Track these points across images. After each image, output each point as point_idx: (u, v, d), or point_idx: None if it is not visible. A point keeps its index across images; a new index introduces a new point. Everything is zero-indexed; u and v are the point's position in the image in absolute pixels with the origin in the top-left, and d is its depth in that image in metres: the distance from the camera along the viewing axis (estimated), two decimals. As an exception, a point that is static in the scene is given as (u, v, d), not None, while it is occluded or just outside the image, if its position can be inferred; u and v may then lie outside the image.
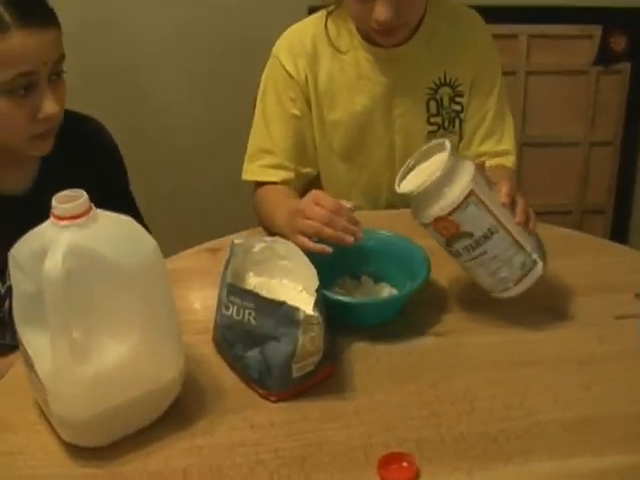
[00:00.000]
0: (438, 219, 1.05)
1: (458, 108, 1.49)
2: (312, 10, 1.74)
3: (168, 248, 1.04)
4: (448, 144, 1.05)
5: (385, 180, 1.49)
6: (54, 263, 0.82)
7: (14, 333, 1.22)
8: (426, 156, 1.10)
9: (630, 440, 0.91)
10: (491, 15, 1.58)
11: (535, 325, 1.12)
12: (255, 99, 1.51)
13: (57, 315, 0.84)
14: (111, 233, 0.88)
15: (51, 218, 0.86)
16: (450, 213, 1.03)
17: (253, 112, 1.52)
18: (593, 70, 2.41)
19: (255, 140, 1.48)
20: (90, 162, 1.29)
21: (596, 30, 2.37)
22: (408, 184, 1.08)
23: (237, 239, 1.07)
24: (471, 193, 1.03)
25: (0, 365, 1.19)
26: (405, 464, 0.87)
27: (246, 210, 1.52)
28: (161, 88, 2.34)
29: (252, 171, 1.46)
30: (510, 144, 1.50)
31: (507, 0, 2.31)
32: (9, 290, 1.24)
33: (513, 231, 1.06)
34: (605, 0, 2.34)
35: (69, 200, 0.84)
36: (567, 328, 1.12)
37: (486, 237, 1.05)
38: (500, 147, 1.49)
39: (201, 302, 1.18)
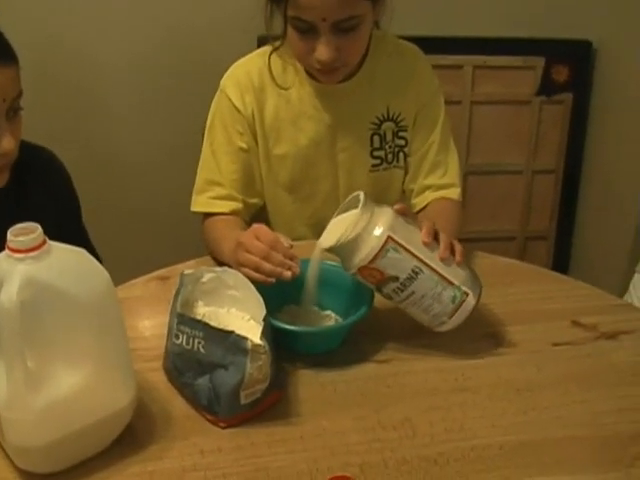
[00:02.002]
0: (362, 268, 1.10)
1: (402, 142, 1.53)
2: (262, 39, 1.77)
3: (118, 272, 1.06)
4: (362, 197, 1.11)
5: (329, 212, 1.50)
6: (9, 295, 0.84)
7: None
8: (347, 209, 1.15)
9: (566, 462, 0.96)
10: (437, 46, 1.64)
11: (474, 352, 1.17)
12: (201, 132, 1.54)
13: (12, 345, 0.86)
14: (65, 265, 0.90)
15: (6, 250, 0.88)
16: (371, 261, 1.09)
17: (203, 138, 1.55)
18: (536, 100, 2.50)
19: (203, 172, 1.50)
20: (44, 192, 1.31)
21: (539, 61, 2.46)
22: (328, 239, 1.14)
23: (187, 269, 1.11)
24: (388, 239, 1.08)
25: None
26: (348, 487, 0.91)
27: (194, 237, 1.56)
28: (112, 110, 2.36)
29: (201, 203, 1.49)
30: (455, 177, 1.54)
31: (453, 31, 2.38)
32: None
33: (438, 268, 1.11)
34: (547, 32, 2.43)
35: (24, 233, 0.87)
36: (505, 355, 1.17)
37: (411, 278, 1.10)
38: (445, 180, 1.53)
39: (151, 330, 1.20)
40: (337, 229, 1.13)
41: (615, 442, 1.00)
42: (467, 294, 1.12)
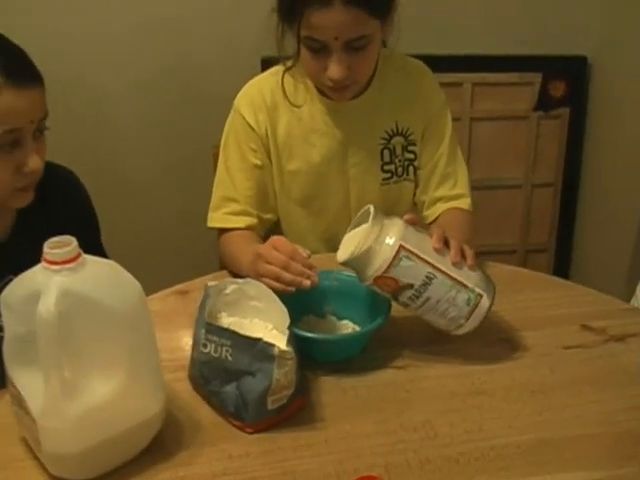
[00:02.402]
0: (377, 278, 1.14)
1: (411, 156, 1.58)
2: (265, 61, 1.82)
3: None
4: (372, 211, 1.15)
5: (342, 226, 1.55)
6: (47, 306, 0.88)
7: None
8: (359, 224, 1.20)
9: (582, 459, 1.00)
10: (437, 64, 1.69)
11: (488, 357, 1.20)
12: (213, 145, 1.58)
13: (49, 355, 0.89)
14: (99, 277, 0.94)
15: (42, 263, 0.91)
16: (386, 271, 1.13)
17: (212, 158, 1.59)
18: (534, 115, 2.56)
19: (219, 189, 1.55)
20: (66, 210, 1.35)
21: (536, 77, 2.52)
22: (342, 253, 1.18)
23: (210, 281, 1.14)
24: (400, 248, 1.12)
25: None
26: (376, 487, 0.94)
27: (209, 253, 1.59)
28: (121, 134, 2.41)
29: (217, 219, 1.53)
30: (464, 187, 1.59)
31: (452, 50, 2.45)
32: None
33: (451, 272, 1.15)
34: (544, 49, 2.50)
35: (60, 246, 0.90)
36: (518, 359, 1.21)
37: (425, 284, 1.14)
38: (455, 191, 1.58)
39: (174, 342, 1.23)
40: (350, 244, 1.17)
41: (629, 439, 1.03)
42: (481, 296, 1.15)
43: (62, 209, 1.35)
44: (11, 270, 1.23)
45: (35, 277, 0.92)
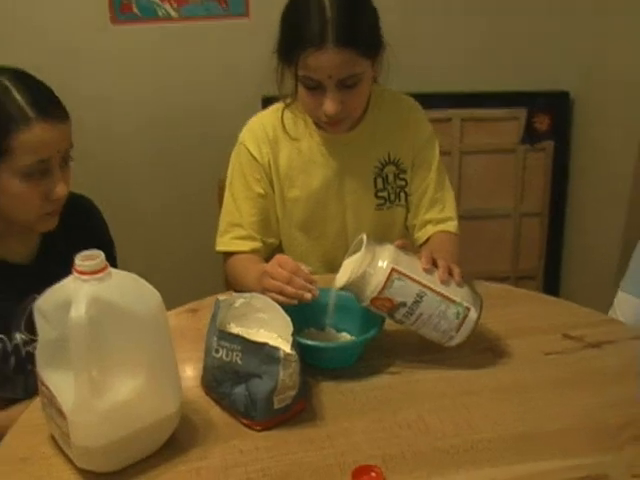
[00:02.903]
0: (374, 299, 1.26)
1: (402, 183, 1.70)
2: (266, 100, 1.94)
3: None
4: (365, 239, 1.27)
5: (340, 249, 1.67)
6: (78, 312, 0.99)
7: (16, 387, 1.39)
8: (354, 252, 1.31)
9: (561, 449, 1.09)
10: (427, 101, 1.81)
11: (475, 363, 1.31)
12: (218, 178, 1.70)
13: (80, 356, 1.00)
14: (124, 287, 1.05)
15: (74, 273, 1.02)
16: (380, 292, 1.24)
17: (217, 191, 1.71)
18: (520, 148, 2.69)
19: (225, 216, 1.67)
20: (85, 235, 1.45)
21: (521, 112, 2.66)
22: (340, 279, 1.29)
23: (221, 296, 1.25)
24: (392, 271, 1.24)
25: (2, 417, 1.34)
26: (373, 474, 1.04)
27: (215, 275, 1.70)
28: (132, 170, 2.55)
29: (224, 243, 1.65)
30: (451, 211, 1.71)
31: (441, 87, 2.59)
32: (15, 348, 1.39)
33: (439, 289, 1.26)
34: (528, 85, 2.64)
35: (89, 258, 1.02)
36: (504, 364, 1.31)
37: (417, 302, 1.25)
38: (443, 215, 1.70)
39: (187, 354, 1.31)
40: (346, 270, 1.29)
41: (605, 432, 1.13)
42: (469, 309, 1.26)
43: (82, 234, 1.46)
44: (36, 290, 1.34)
45: (67, 286, 1.03)
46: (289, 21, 1.49)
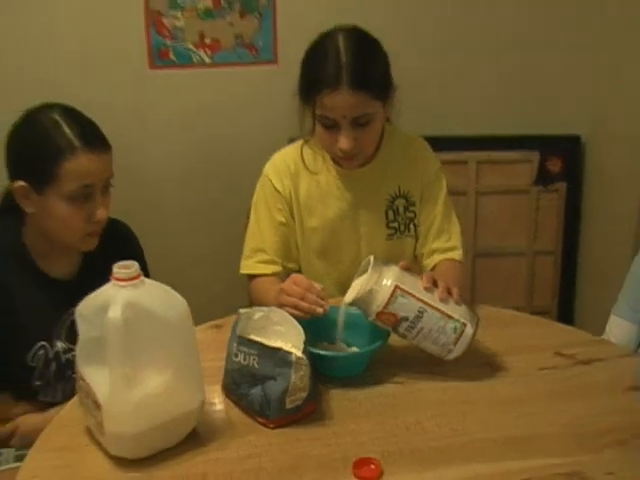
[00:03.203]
0: (379, 314, 1.39)
1: (412, 215, 1.84)
2: (292, 141, 2.10)
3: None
4: (372, 260, 1.41)
5: (354, 274, 1.81)
6: (115, 314, 1.13)
7: (56, 392, 1.53)
8: (363, 272, 1.45)
9: (547, 450, 1.20)
10: (445, 144, 1.96)
11: (474, 376, 1.42)
12: (246, 208, 1.85)
13: (115, 354, 1.14)
14: (155, 293, 1.19)
15: (112, 280, 1.17)
16: (385, 307, 1.38)
17: (245, 220, 1.86)
18: (534, 189, 2.82)
19: (250, 242, 1.82)
20: (122, 256, 1.59)
21: (535, 155, 2.80)
22: (348, 296, 1.44)
23: (242, 309, 1.39)
24: (396, 288, 1.38)
25: (39, 419, 1.48)
26: (372, 466, 1.16)
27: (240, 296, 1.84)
28: (163, 203, 2.72)
29: (248, 266, 1.80)
30: (457, 241, 1.84)
31: (458, 131, 2.74)
32: (56, 355, 1.53)
33: (439, 306, 1.39)
34: (541, 129, 2.78)
35: (125, 267, 1.17)
36: (500, 377, 1.43)
37: (418, 317, 1.38)
38: (449, 244, 1.83)
39: (210, 363, 1.41)
40: (355, 288, 1.43)
41: (588, 436, 1.23)
42: (465, 324, 1.39)
43: (119, 255, 1.59)
44: (76, 303, 1.49)
45: (105, 292, 1.18)
46: (308, 65, 1.66)
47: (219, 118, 2.67)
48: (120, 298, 1.15)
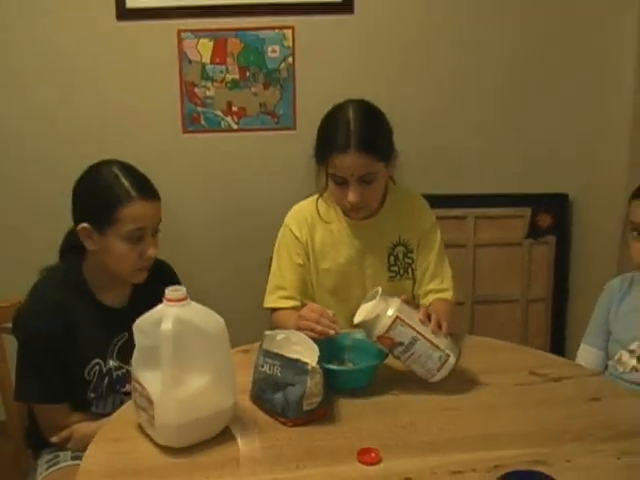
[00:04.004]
0: (380, 337, 1.67)
1: (410, 260, 2.12)
2: (308, 197, 2.39)
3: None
4: (380, 291, 1.69)
5: None
6: (167, 327, 1.41)
7: (107, 404, 1.79)
8: (370, 299, 1.72)
9: (518, 443, 1.46)
10: (446, 201, 2.24)
11: (461, 390, 1.68)
12: (264, 254, 2.15)
13: (167, 359, 1.41)
14: (199, 312, 1.47)
15: (164, 301, 1.45)
16: (386, 332, 1.66)
17: (267, 264, 2.15)
18: (526, 242, 3.10)
19: (272, 280, 2.11)
20: (163, 288, 1.80)
21: (527, 211, 3.08)
22: (357, 317, 1.71)
23: (267, 331, 1.67)
24: (397, 318, 1.65)
25: (92, 427, 1.73)
26: (373, 454, 1.42)
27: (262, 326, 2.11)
28: (193, 249, 3.01)
29: (271, 301, 2.09)
30: (448, 283, 2.12)
31: (458, 190, 3.03)
32: (109, 371, 1.80)
33: (429, 337, 1.66)
34: (532, 188, 3.07)
35: (176, 290, 1.45)
36: (482, 391, 1.69)
37: (412, 344, 1.65)
38: (441, 286, 2.11)
39: (240, 378, 1.65)
40: (363, 311, 1.71)
41: (552, 434, 1.49)
42: (449, 355, 1.66)
43: (162, 287, 1.88)
44: (126, 329, 1.78)
45: (159, 310, 1.46)
46: (323, 131, 1.97)
47: (243, 176, 2.99)
48: (171, 315, 1.43)
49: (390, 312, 1.66)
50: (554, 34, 2.96)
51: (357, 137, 1.88)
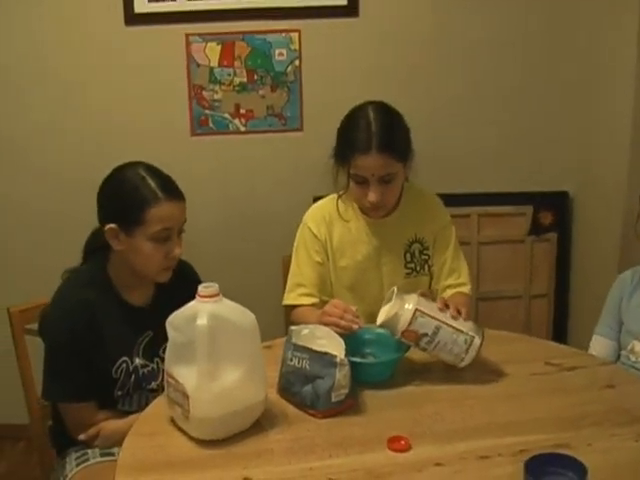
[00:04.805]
0: (403, 332, 1.72)
1: (426, 257, 2.18)
2: (317, 199, 2.44)
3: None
4: (395, 290, 1.75)
5: (377, 305, 2.10)
6: (202, 323, 1.46)
7: (133, 402, 1.83)
8: (389, 299, 1.78)
9: (537, 428, 1.52)
10: (450, 200, 2.29)
11: (479, 380, 1.74)
12: (283, 255, 2.20)
13: (202, 353, 1.46)
14: (231, 308, 1.52)
15: (197, 298, 1.50)
16: (408, 326, 1.71)
17: (282, 264, 2.20)
18: (528, 239, 3.16)
19: (292, 278, 2.16)
20: (186, 289, 1.72)
21: (528, 209, 3.14)
22: (379, 319, 1.77)
23: (292, 326, 1.72)
24: (416, 311, 1.71)
25: (119, 424, 1.78)
26: (403, 442, 1.47)
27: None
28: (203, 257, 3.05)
29: (291, 298, 2.14)
30: (465, 278, 2.18)
31: (462, 189, 3.08)
32: (135, 369, 1.85)
33: (451, 323, 1.72)
34: (534, 186, 3.13)
35: (209, 287, 1.50)
36: (500, 381, 1.75)
37: (435, 333, 1.71)
38: (459, 280, 2.17)
39: (267, 373, 1.76)
40: (383, 313, 1.77)
41: (571, 420, 1.55)
42: (473, 337, 1.72)
43: (184, 286, 1.90)
44: (150, 327, 1.83)
45: (193, 306, 1.51)
46: (344, 133, 2.02)
47: (251, 178, 3.03)
48: (205, 311, 1.48)
49: (409, 306, 1.71)
50: (554, 34, 3.02)
51: (378, 138, 1.93)
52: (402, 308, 1.72)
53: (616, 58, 2.84)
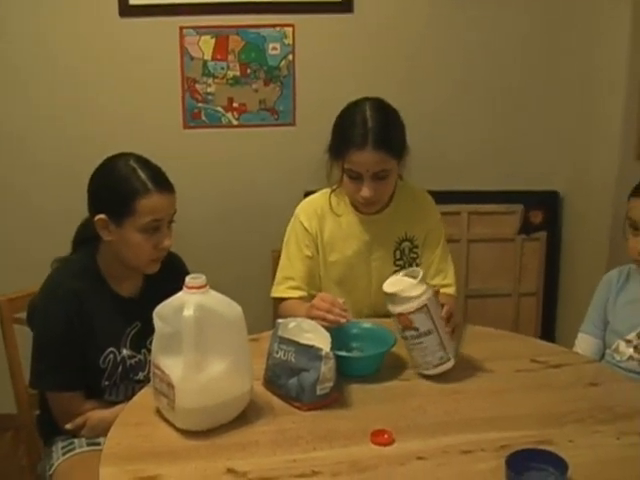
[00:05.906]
0: (402, 314, 1.72)
1: (415, 256, 2.19)
2: (308, 194, 2.45)
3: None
4: (421, 274, 1.73)
5: (365, 300, 2.16)
6: (189, 314, 1.46)
7: (119, 392, 1.84)
8: (411, 275, 1.76)
9: (520, 424, 1.53)
10: (441, 197, 2.30)
11: (464, 376, 1.75)
12: (272, 249, 2.20)
13: (188, 344, 1.47)
14: (218, 299, 1.53)
15: (185, 289, 1.51)
16: (410, 313, 1.70)
17: (271, 257, 2.20)
18: (518, 238, 3.17)
19: (281, 271, 2.17)
20: (174, 280, 1.71)
21: (519, 208, 3.15)
22: (389, 287, 1.74)
23: (279, 319, 1.73)
24: (424, 306, 1.70)
25: (105, 414, 1.79)
26: (386, 435, 1.48)
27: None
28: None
29: (279, 291, 2.15)
30: (451, 279, 2.20)
31: (452, 186, 3.09)
32: (122, 359, 1.85)
33: (443, 336, 1.72)
34: (525, 185, 3.14)
35: (196, 278, 1.51)
36: (485, 377, 1.76)
37: (425, 334, 1.71)
38: (445, 281, 2.19)
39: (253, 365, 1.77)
40: (398, 284, 1.74)
41: (554, 416, 1.56)
42: (450, 359, 1.73)
43: (172, 277, 1.90)
44: (138, 318, 1.84)
45: (180, 297, 1.52)
46: (340, 128, 2.03)
47: (243, 172, 3.03)
48: (192, 301, 1.49)
49: (424, 297, 1.70)
50: (547, 34, 3.03)
51: (374, 135, 1.95)
52: (416, 295, 1.70)
53: (607, 59, 2.85)
